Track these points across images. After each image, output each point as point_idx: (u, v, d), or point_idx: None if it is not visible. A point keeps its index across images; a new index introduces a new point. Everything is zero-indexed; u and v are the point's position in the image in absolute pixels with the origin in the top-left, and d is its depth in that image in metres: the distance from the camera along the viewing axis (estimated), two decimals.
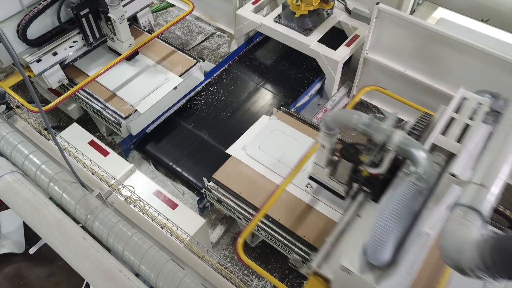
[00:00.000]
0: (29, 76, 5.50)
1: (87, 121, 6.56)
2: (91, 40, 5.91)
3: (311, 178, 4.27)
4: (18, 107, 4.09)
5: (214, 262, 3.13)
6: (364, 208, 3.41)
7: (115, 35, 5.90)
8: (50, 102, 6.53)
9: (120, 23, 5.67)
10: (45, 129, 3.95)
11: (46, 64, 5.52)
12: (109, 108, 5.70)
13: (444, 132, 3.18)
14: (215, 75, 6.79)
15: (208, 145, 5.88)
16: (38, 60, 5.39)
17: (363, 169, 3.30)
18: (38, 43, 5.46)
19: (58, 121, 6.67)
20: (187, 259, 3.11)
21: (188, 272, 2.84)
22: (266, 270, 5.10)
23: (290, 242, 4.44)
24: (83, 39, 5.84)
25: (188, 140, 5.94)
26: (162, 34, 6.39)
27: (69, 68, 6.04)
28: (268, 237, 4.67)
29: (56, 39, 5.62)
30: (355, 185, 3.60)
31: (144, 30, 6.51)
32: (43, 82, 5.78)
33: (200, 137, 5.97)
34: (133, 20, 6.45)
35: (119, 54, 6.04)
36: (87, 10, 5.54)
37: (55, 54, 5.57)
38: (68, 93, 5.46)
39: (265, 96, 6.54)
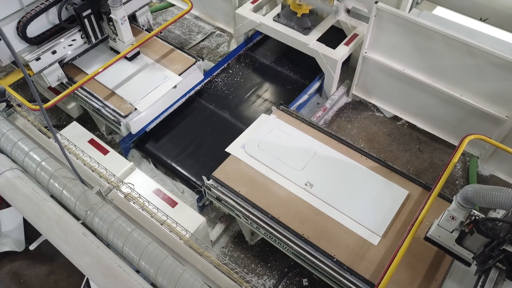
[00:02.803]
0: (29, 75, 5.52)
1: (86, 120, 6.57)
2: (93, 40, 5.95)
3: (427, 239, 3.89)
4: (18, 105, 4.10)
5: (214, 258, 3.14)
6: None
7: (116, 35, 5.93)
8: (49, 101, 6.56)
9: (122, 23, 5.71)
10: (45, 127, 3.96)
11: (45, 63, 5.53)
12: (109, 107, 5.72)
13: None
14: (214, 74, 6.81)
15: (208, 142, 5.90)
16: (37, 59, 5.41)
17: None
18: (37, 41, 5.48)
19: (58, 120, 6.68)
20: (186, 255, 3.12)
21: (187, 268, 2.85)
22: (265, 269, 5.16)
23: (289, 240, 4.45)
24: (82, 37, 5.86)
25: (187, 139, 5.96)
26: (161, 32, 6.41)
27: (68, 66, 6.05)
28: (267, 235, 4.68)
29: (56, 37, 5.64)
30: (487, 259, 3.38)
31: (142, 28, 6.53)
32: (42, 81, 5.80)
33: (199, 135, 5.99)
34: (132, 19, 6.47)
35: None
36: (89, 11, 5.57)
37: (54, 52, 5.59)
38: (67, 91, 5.48)
39: (264, 95, 6.55)
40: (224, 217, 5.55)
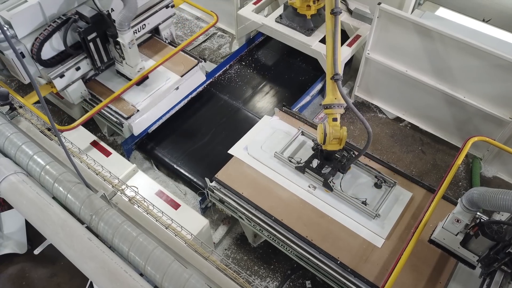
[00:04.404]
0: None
1: (88, 122, 6.49)
2: (99, 64, 5.66)
3: (432, 242, 3.96)
4: (21, 107, 4.08)
5: (219, 262, 3.13)
6: None
7: (124, 59, 5.64)
8: (51, 102, 6.56)
9: (130, 47, 5.39)
10: (48, 129, 3.94)
11: (69, 79, 5.37)
12: (111, 109, 5.70)
13: None
14: (216, 75, 6.80)
15: (211, 144, 5.89)
16: (61, 76, 5.26)
17: None
18: (55, 61, 5.27)
19: (60, 121, 6.66)
20: (191, 260, 3.10)
21: (193, 273, 2.84)
22: (268, 271, 5.15)
23: (292, 242, 4.45)
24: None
25: (189, 140, 5.95)
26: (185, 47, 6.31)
27: (91, 82, 5.91)
28: (270, 237, 4.67)
29: (74, 56, 5.44)
30: (492, 262, 3.42)
31: (166, 42, 6.46)
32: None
33: (201, 137, 5.98)
34: (154, 32, 6.38)
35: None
36: (94, 34, 5.29)
37: (78, 69, 5.41)
38: (93, 110, 5.45)
39: (267, 96, 6.54)
40: (226, 219, 5.54)
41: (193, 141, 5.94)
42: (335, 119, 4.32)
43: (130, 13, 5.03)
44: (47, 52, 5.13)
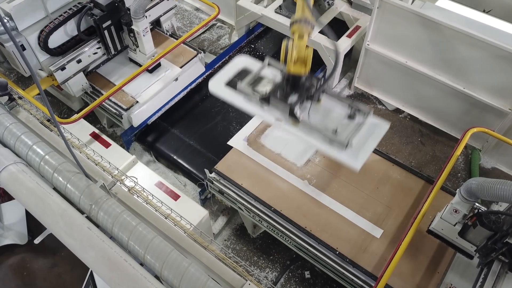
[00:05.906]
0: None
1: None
2: (113, 52, 5.71)
3: (430, 232, 3.93)
4: (20, 98, 4.08)
5: (218, 252, 3.15)
6: (503, 281, 3.32)
7: (137, 46, 5.70)
8: (50, 94, 6.55)
9: (144, 35, 5.43)
10: (48, 120, 3.95)
11: (70, 72, 5.37)
12: (111, 100, 5.69)
13: None
14: (215, 66, 6.77)
15: (210, 135, 5.89)
16: (63, 68, 5.25)
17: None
18: (59, 52, 5.28)
19: (59, 112, 6.65)
20: (191, 249, 3.13)
21: (193, 262, 2.86)
22: (267, 261, 5.18)
23: (292, 233, 4.47)
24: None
25: (189, 132, 5.95)
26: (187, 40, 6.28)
27: (92, 74, 5.90)
28: (270, 228, 4.69)
29: (78, 47, 5.45)
30: (490, 252, 3.43)
31: (167, 34, 6.43)
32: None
33: (201, 128, 5.98)
34: (155, 24, 6.34)
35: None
36: (109, 22, 5.32)
37: (79, 61, 5.42)
38: (95, 102, 5.36)
39: None
40: (226, 210, 5.56)
41: (192, 132, 5.93)
42: (301, 37, 3.65)
43: (145, 1, 5.06)
44: (55, 40, 5.14)
